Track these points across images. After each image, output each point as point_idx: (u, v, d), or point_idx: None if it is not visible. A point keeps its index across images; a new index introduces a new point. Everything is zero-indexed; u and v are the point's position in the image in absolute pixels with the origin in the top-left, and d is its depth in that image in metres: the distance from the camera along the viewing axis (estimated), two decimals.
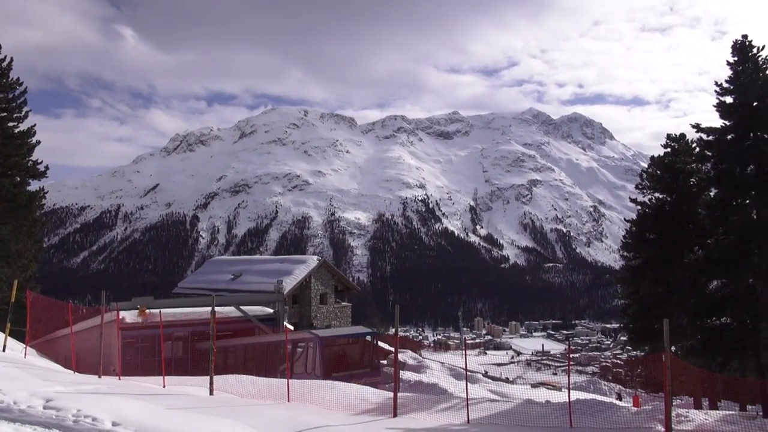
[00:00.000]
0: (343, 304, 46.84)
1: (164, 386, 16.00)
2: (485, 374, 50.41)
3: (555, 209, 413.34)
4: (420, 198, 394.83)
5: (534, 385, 44.77)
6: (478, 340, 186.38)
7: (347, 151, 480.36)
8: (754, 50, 25.42)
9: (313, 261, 44.87)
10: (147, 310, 26.79)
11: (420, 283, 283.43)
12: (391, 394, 14.85)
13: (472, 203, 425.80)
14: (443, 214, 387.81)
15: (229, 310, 29.85)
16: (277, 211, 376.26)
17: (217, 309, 16.48)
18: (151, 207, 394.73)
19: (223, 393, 15.60)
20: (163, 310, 25.88)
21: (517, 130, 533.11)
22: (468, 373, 20.22)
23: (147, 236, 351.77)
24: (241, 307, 30.69)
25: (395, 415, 14.05)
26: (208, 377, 15.40)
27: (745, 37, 25.96)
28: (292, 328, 34.80)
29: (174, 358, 27.42)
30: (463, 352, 19.38)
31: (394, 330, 15.87)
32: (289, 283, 40.12)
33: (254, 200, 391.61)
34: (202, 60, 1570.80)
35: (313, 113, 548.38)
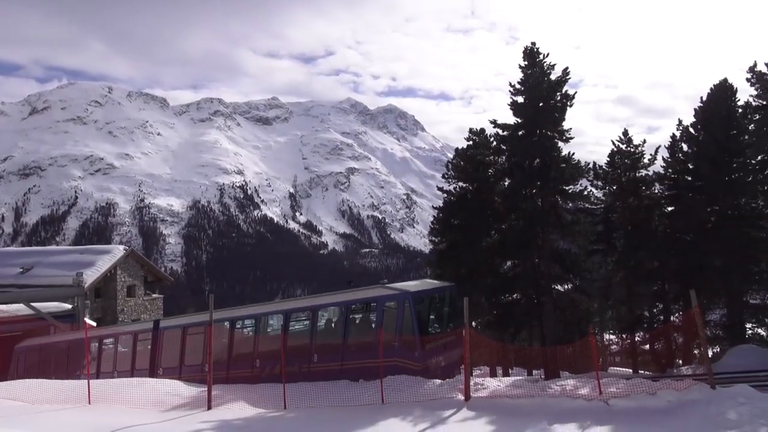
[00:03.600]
0: (154, 296, 44.15)
1: None
2: None
3: (371, 197, 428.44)
4: (238, 184, 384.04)
5: None
6: None
7: (158, 134, 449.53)
8: (541, 56, 28.61)
9: (119, 251, 41.59)
10: None
11: (238, 271, 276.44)
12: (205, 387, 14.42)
13: (291, 190, 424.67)
14: (262, 200, 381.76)
15: (16, 308, 26.57)
16: (76, 197, 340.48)
17: (0, 307, 14.59)
18: None
19: (7, 401, 13.90)
20: None
21: (335, 119, 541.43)
22: None
23: None
24: (33, 304, 27.48)
25: (209, 408, 13.68)
26: None
27: (533, 44, 29.09)
28: (94, 324, 31.98)
29: None
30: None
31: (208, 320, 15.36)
32: (90, 276, 36.77)
33: (48, 184, 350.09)
34: None
35: (118, 90, 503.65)
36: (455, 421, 11.85)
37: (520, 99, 28.80)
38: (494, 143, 30.55)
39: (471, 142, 31.43)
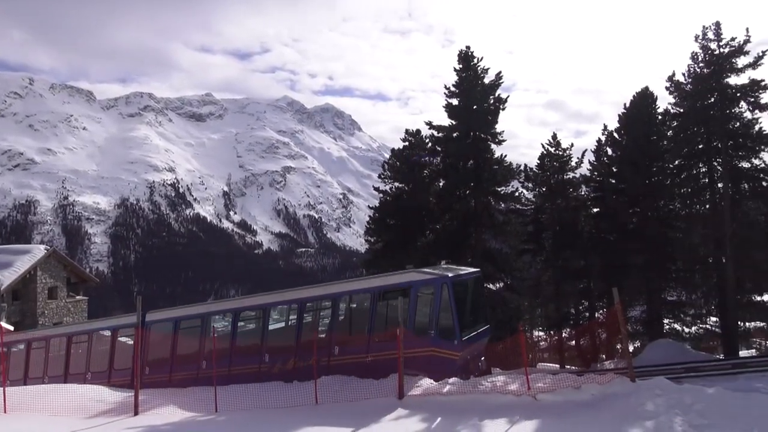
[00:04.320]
0: (78, 297, 42.23)
1: None
2: None
3: (308, 196, 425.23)
4: (169, 182, 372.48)
5: None
6: None
7: (84, 128, 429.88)
8: (476, 60, 29.24)
9: (39, 251, 39.49)
10: None
11: (169, 271, 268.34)
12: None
13: (225, 188, 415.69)
14: (195, 199, 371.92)
15: None
16: None
17: None
18: None
19: None
20: None
21: (271, 117, 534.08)
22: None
23: None
24: None
25: (136, 414, 13.22)
26: None
27: (468, 48, 29.68)
28: (11, 328, 30.25)
29: None
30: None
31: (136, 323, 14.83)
32: (8, 277, 34.77)
33: None
34: None
35: (40, 82, 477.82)
36: (389, 420, 11.93)
37: (454, 101, 29.34)
38: (429, 144, 30.99)
39: (407, 143, 31.75)
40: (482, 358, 16.59)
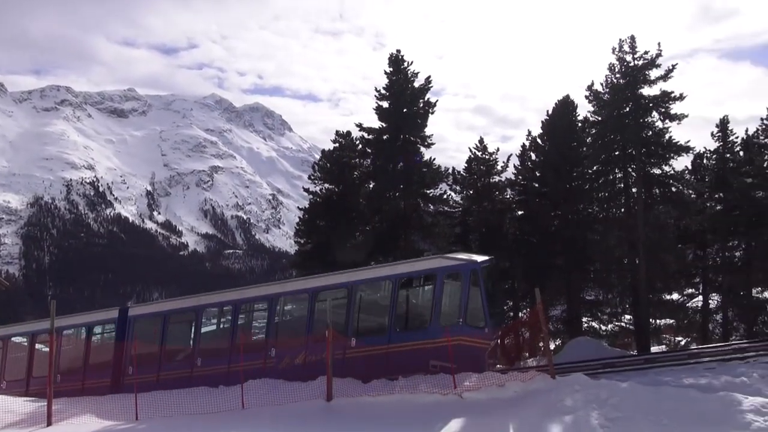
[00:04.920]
0: None
1: None
2: None
3: (236, 196, 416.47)
4: (88, 180, 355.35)
5: None
6: None
7: None
8: (406, 64, 29.58)
9: None
10: None
11: (87, 274, 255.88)
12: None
13: (149, 188, 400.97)
14: (116, 198, 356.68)
15: None
16: None
17: None
18: None
19: None
20: None
21: (198, 115, 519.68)
22: None
23: None
24: None
25: (49, 424, 12.55)
26: None
27: (399, 51, 29.97)
28: None
29: None
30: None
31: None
32: None
33: None
34: None
35: None
36: (317, 423, 11.88)
37: (385, 104, 29.56)
38: (360, 146, 31.06)
39: (337, 144, 31.68)
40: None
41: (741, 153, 31.94)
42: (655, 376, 14.36)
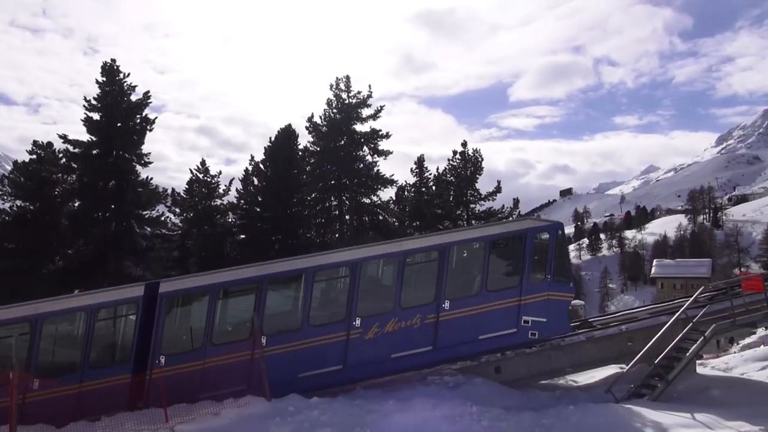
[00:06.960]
0: None
1: None
2: None
3: None
4: None
5: None
6: None
7: None
8: (122, 75, 27.71)
9: None
10: None
11: None
12: None
13: None
14: None
15: None
16: None
17: None
18: None
19: None
20: None
21: None
22: None
23: None
24: None
25: None
26: None
27: (113, 61, 28.02)
28: None
29: None
30: None
31: None
32: None
33: None
34: None
35: None
36: None
37: (96, 116, 27.28)
38: (64, 160, 27.98)
39: (35, 156, 28.01)
40: None
41: (433, 187, 37.05)
42: (363, 390, 15.63)
